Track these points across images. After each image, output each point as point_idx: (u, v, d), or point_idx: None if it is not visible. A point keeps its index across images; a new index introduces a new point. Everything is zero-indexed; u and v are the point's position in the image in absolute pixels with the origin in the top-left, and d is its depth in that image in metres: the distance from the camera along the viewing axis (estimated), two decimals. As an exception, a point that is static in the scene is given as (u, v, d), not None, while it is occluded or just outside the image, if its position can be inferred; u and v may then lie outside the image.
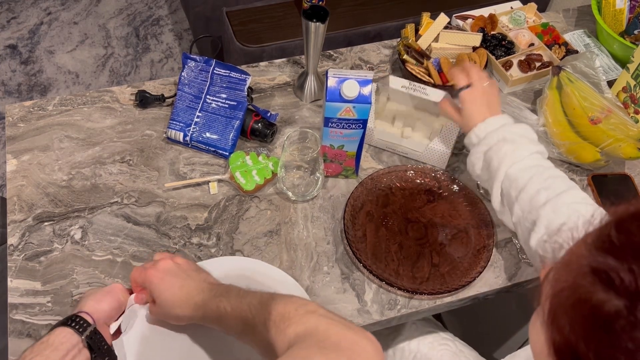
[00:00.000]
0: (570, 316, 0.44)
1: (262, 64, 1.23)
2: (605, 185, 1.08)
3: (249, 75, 1.09)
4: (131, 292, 0.81)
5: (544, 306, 0.47)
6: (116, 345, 0.78)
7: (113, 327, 0.78)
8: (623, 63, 1.26)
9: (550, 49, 1.24)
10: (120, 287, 0.80)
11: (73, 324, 0.71)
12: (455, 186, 1.03)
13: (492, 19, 1.27)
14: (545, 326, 0.47)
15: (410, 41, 1.18)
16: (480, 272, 0.93)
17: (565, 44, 1.26)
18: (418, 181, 1.04)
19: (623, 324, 0.40)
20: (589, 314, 0.42)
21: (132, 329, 0.81)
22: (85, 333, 0.70)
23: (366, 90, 0.90)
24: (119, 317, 0.79)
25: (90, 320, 0.72)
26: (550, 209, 0.81)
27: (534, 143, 0.89)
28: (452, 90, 1.15)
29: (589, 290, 0.42)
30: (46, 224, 0.97)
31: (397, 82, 1.06)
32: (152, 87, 1.16)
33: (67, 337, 0.69)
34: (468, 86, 0.95)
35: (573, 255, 0.47)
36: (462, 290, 0.93)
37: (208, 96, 1.09)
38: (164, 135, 1.10)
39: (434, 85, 1.14)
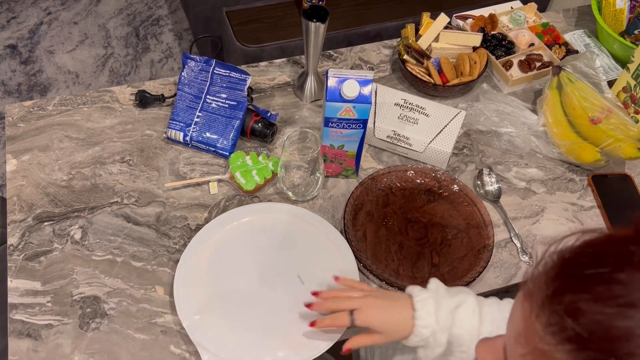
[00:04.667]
0: None
1: (262, 64, 1.23)
2: (605, 185, 1.08)
3: (249, 75, 1.09)
4: None
5: None
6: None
7: None
8: (623, 63, 1.26)
9: (551, 49, 1.24)
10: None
11: None
12: (455, 186, 1.03)
13: (492, 19, 1.27)
14: None
15: (410, 41, 1.18)
16: (480, 272, 0.93)
17: (566, 44, 1.26)
18: (418, 181, 1.04)
19: None
20: None
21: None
22: None
23: (366, 90, 0.90)
24: None
25: None
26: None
27: (454, 290, 0.79)
28: (452, 89, 1.16)
29: None
30: (46, 224, 0.97)
31: (383, 132, 1.06)
32: (152, 87, 1.16)
33: None
34: (352, 312, 0.76)
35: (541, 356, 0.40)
36: (462, 290, 0.93)
37: (208, 96, 1.09)
38: (164, 135, 1.10)
39: (434, 86, 1.15)
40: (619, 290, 0.37)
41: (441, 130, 1.06)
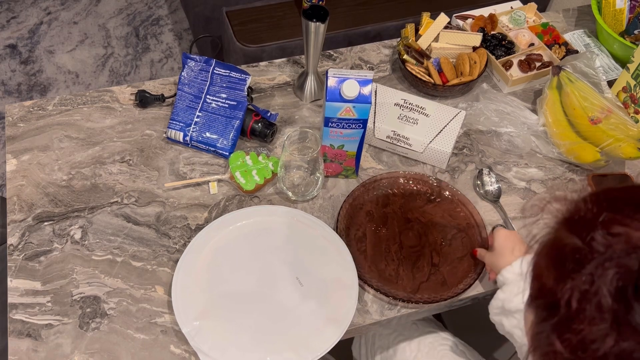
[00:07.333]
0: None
1: (262, 63, 1.23)
2: (605, 185, 1.08)
3: (249, 75, 1.09)
4: None
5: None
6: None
7: None
8: (623, 63, 1.26)
9: (550, 49, 1.24)
10: None
11: None
12: (447, 192, 1.03)
13: (492, 18, 1.27)
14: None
15: (410, 41, 1.18)
16: (481, 272, 0.93)
17: (566, 43, 1.26)
18: (415, 188, 1.04)
19: None
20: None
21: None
22: None
23: (366, 90, 0.90)
24: None
25: None
26: None
27: None
28: (452, 89, 1.15)
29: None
30: (46, 223, 0.97)
31: (383, 132, 1.07)
32: (152, 87, 1.16)
33: None
34: (496, 227, 0.96)
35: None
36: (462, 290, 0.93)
37: (208, 96, 1.09)
38: (164, 135, 1.10)
39: (434, 86, 1.15)
40: None
41: (441, 130, 1.06)
